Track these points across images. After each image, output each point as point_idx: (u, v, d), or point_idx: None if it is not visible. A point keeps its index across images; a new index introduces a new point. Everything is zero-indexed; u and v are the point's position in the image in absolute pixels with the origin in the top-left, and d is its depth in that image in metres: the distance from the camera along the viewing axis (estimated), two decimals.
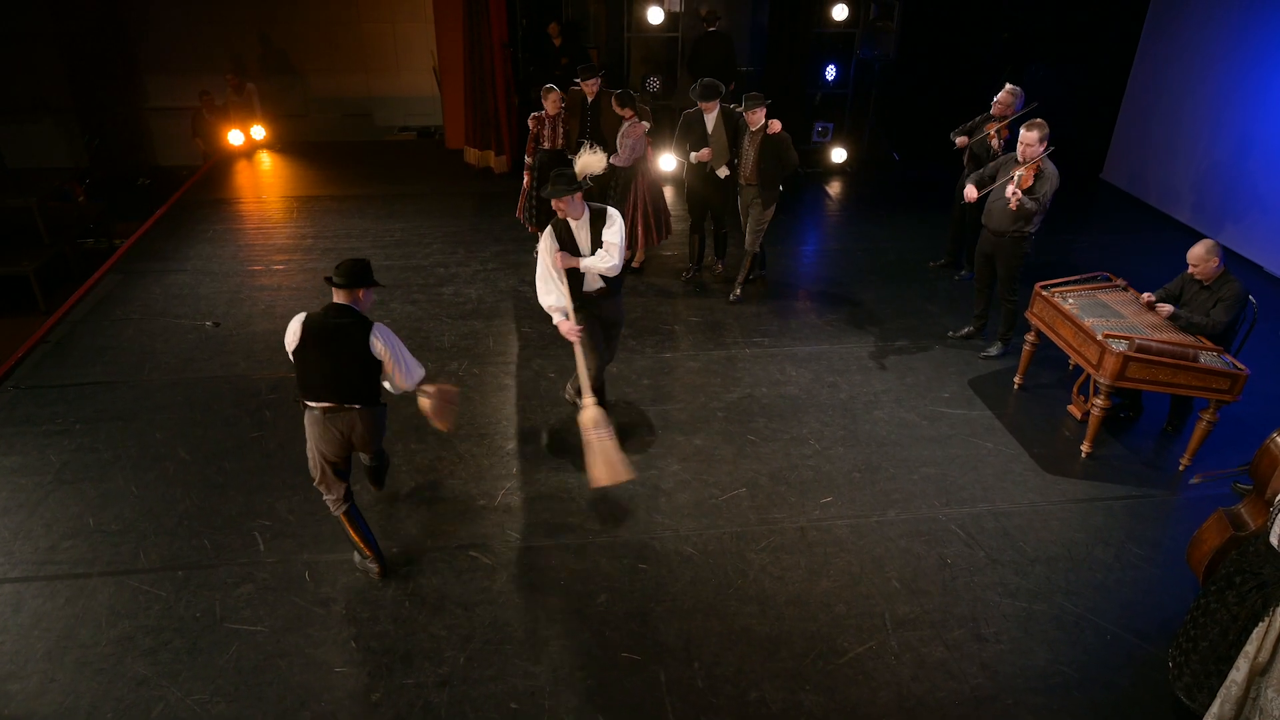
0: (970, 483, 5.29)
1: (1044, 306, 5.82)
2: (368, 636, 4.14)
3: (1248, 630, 3.37)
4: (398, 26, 13.49)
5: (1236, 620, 3.41)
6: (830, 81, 10.55)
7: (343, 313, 4.13)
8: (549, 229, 5.01)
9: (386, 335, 4.19)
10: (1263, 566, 3.38)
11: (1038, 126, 5.90)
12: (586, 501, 5.05)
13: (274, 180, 10.43)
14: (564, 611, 4.30)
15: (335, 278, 4.14)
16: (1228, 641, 3.45)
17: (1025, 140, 5.93)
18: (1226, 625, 3.45)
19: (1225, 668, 3.45)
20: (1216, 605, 3.53)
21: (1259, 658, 3.34)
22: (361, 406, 4.23)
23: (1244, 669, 3.37)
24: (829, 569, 4.61)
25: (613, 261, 4.97)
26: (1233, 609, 3.44)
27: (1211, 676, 3.52)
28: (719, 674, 3.99)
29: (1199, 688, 3.58)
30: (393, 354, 4.19)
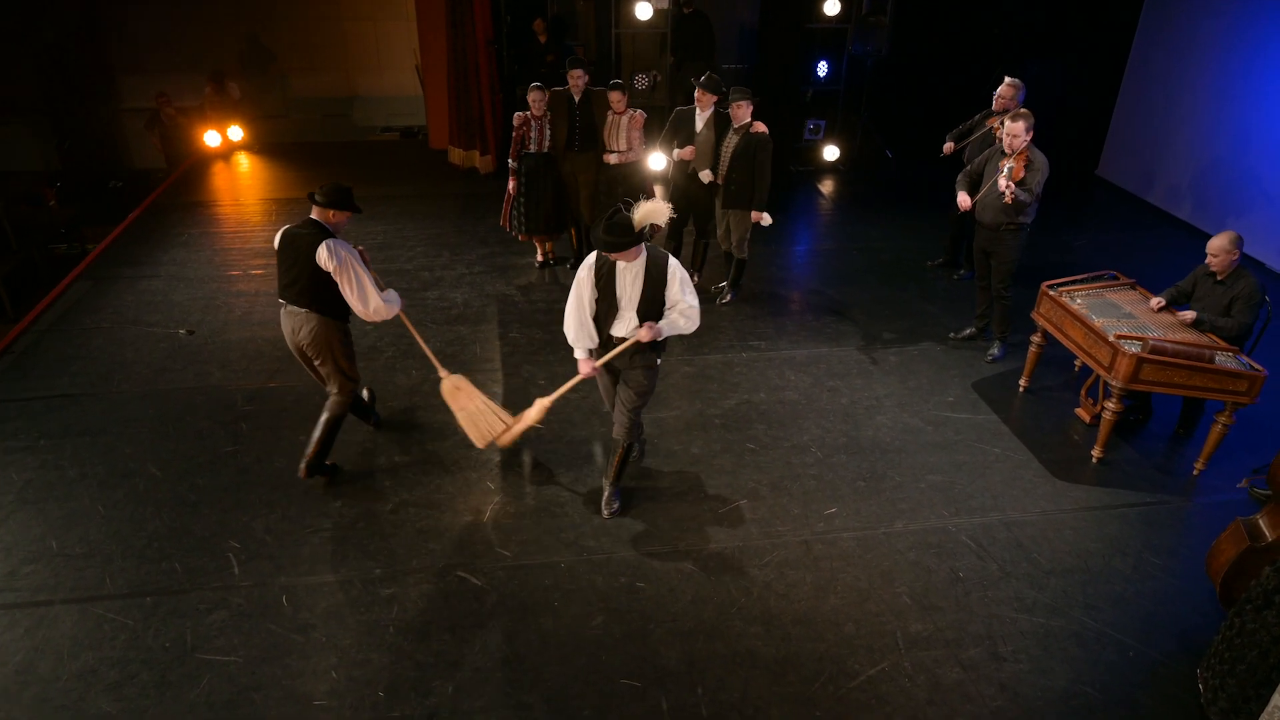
0: (979, 491, 5.09)
1: (1051, 307, 5.63)
2: (349, 665, 3.89)
3: None
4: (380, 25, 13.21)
5: (1278, 641, 3.21)
6: (822, 78, 10.35)
7: (309, 225, 4.62)
8: (592, 260, 4.34)
9: (337, 251, 4.51)
10: None
11: (1023, 117, 5.74)
12: (580, 515, 4.81)
13: (252, 182, 10.14)
14: (558, 635, 4.06)
15: (314, 194, 4.62)
16: (1268, 664, 3.25)
17: (1011, 131, 5.75)
18: (1267, 647, 3.26)
19: (1266, 691, 3.25)
20: (1255, 625, 3.33)
21: None
22: (308, 311, 4.66)
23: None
24: (836, 585, 4.39)
25: (693, 325, 4.46)
26: (1274, 629, 3.24)
27: (1250, 701, 3.31)
28: (724, 700, 3.76)
29: (1236, 712, 3.37)
30: (341, 270, 4.52)
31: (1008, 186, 5.70)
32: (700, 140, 6.80)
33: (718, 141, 6.72)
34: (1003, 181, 5.73)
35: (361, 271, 4.59)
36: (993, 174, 5.98)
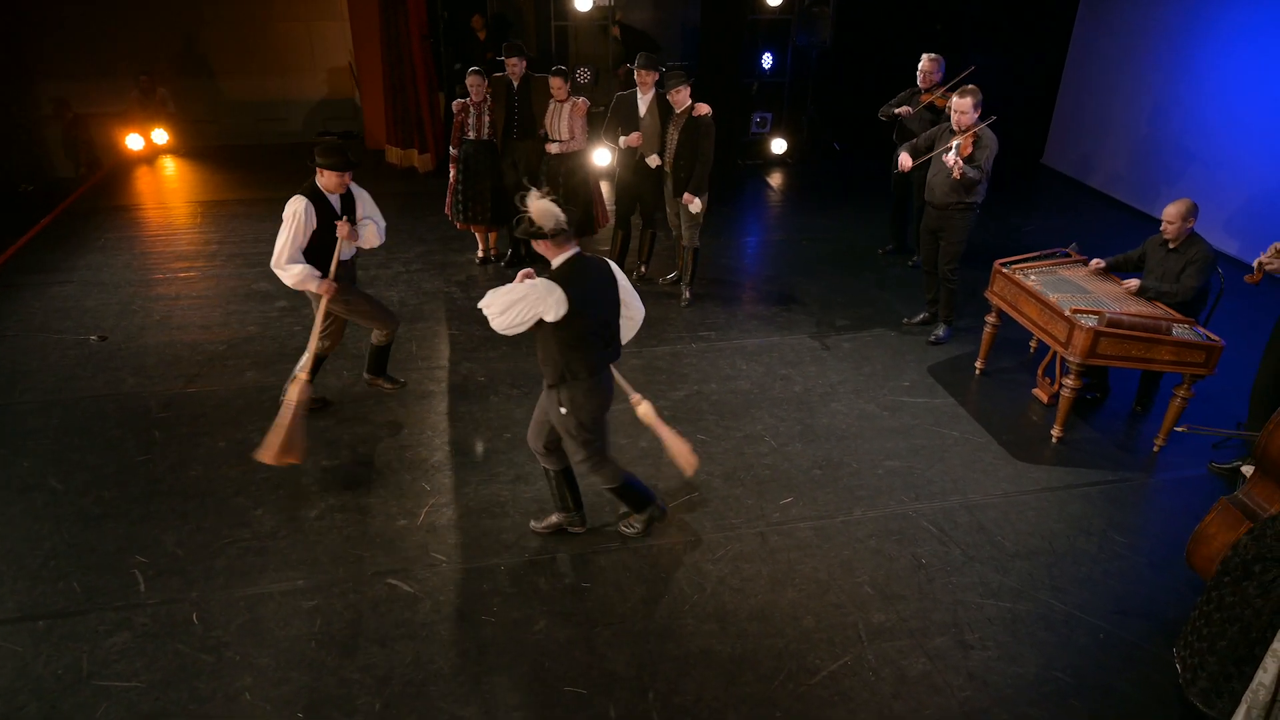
0: (939, 475, 4.89)
1: (1005, 284, 5.49)
2: (265, 686, 3.53)
3: (1274, 625, 2.99)
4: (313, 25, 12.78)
5: (1260, 615, 3.02)
6: (767, 70, 10.21)
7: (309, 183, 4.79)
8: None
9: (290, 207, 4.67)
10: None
11: (970, 93, 5.61)
12: (522, 516, 4.50)
13: (179, 185, 9.67)
14: (497, 642, 3.75)
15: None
16: (1249, 639, 3.06)
17: (959, 108, 5.63)
18: (1249, 621, 3.07)
19: (1249, 669, 3.06)
20: (1234, 599, 3.14)
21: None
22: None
23: (1273, 669, 2.96)
24: (794, 577, 4.15)
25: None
26: (1255, 602, 3.05)
27: (1232, 679, 3.12)
28: (677, 704, 3.49)
29: (1218, 692, 3.18)
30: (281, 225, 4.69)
31: (956, 164, 5.55)
32: (645, 125, 6.56)
33: (663, 126, 6.49)
34: (951, 158, 5.59)
35: (287, 234, 4.66)
36: (939, 151, 5.83)
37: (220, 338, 6.20)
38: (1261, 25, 7.68)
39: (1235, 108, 7.96)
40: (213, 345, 6.09)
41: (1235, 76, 7.95)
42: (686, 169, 6.37)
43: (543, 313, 3.63)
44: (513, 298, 3.62)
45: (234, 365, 5.86)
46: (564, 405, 3.88)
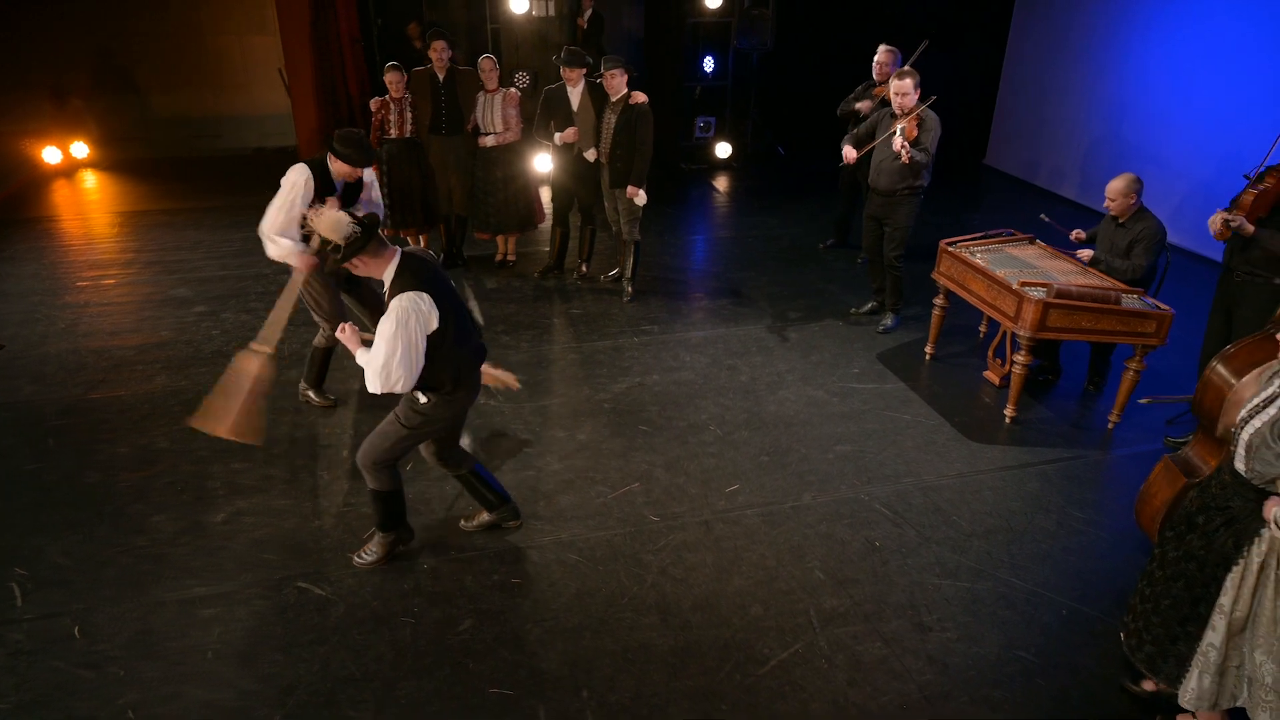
0: (891, 458, 4.68)
1: (951, 263, 5.34)
2: (151, 703, 3.15)
3: (1218, 579, 2.75)
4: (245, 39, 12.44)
5: (1204, 568, 2.79)
6: (709, 74, 10.11)
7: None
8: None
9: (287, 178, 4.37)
10: (1230, 499, 2.75)
11: (909, 74, 5.50)
12: (447, 511, 4.18)
13: (100, 197, 9.20)
14: (416, 645, 3.41)
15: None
16: (1193, 596, 2.83)
17: (899, 90, 5.50)
18: (1192, 576, 2.83)
19: (1194, 629, 2.83)
20: (1177, 554, 2.90)
21: (1236, 612, 2.73)
22: None
23: (1220, 628, 2.76)
24: (740, 565, 3.88)
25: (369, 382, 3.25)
26: (1199, 555, 2.82)
27: (1178, 641, 2.88)
28: (613, 701, 3.18)
29: (1163, 656, 2.93)
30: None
31: (903, 147, 5.42)
32: (580, 119, 6.34)
33: (598, 118, 6.28)
34: (897, 142, 5.45)
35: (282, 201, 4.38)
36: (883, 137, 5.70)
37: (129, 343, 5.79)
38: (1186, 18, 7.76)
39: (1167, 100, 8.01)
40: (120, 351, 5.68)
41: (1167, 69, 8.02)
42: (625, 159, 6.16)
43: (429, 328, 3.22)
44: (389, 344, 3.14)
45: (142, 370, 5.45)
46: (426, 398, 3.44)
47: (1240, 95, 7.31)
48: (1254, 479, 2.64)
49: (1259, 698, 2.74)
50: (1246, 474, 2.67)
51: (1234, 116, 7.37)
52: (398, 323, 3.15)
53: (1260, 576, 2.65)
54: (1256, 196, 4.45)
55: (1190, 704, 2.87)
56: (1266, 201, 4.44)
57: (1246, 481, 2.68)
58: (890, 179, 5.71)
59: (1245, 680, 2.80)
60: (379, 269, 3.26)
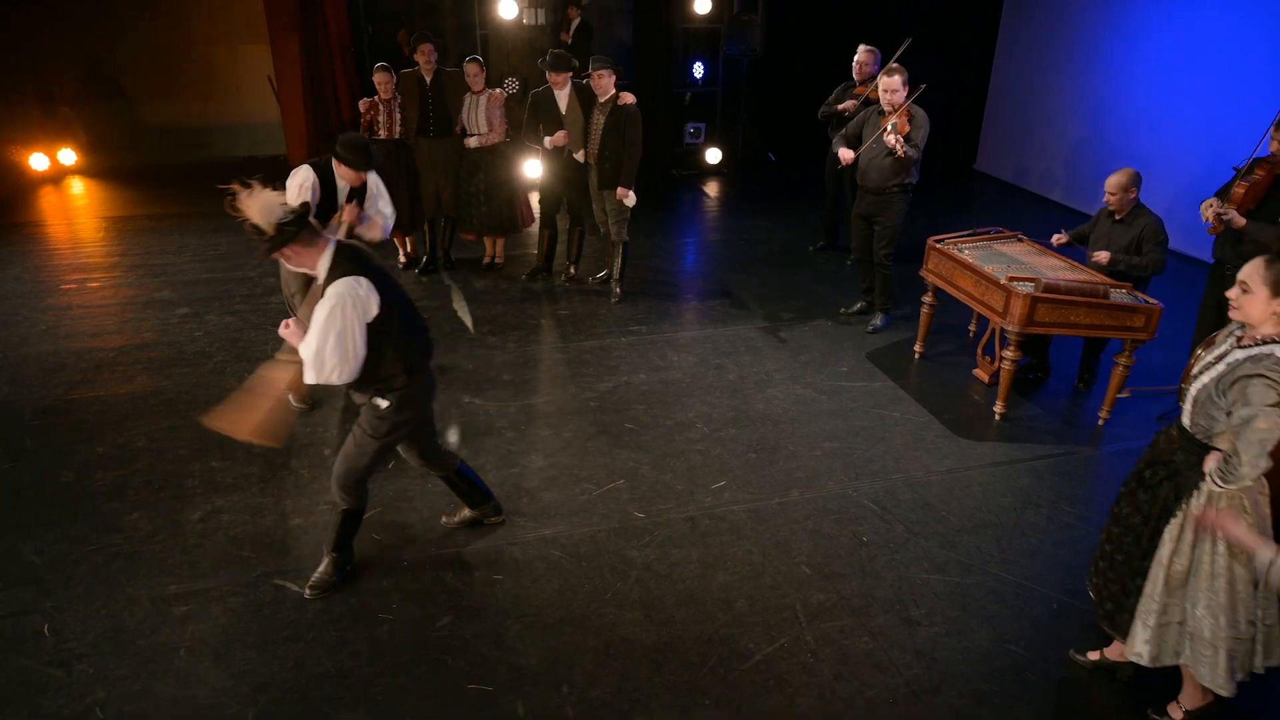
0: (880, 454, 4.63)
1: (940, 260, 5.31)
2: (121, 700, 3.07)
3: (1158, 531, 2.79)
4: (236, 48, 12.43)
5: (1149, 520, 2.83)
6: (699, 80, 10.12)
7: None
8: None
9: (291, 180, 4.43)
10: (1175, 454, 2.78)
11: (898, 71, 5.49)
12: (430, 510, 4.11)
13: (87, 203, 9.15)
14: (394, 642, 3.34)
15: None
16: (1142, 550, 2.87)
17: (888, 87, 5.49)
18: (1139, 531, 2.87)
19: (1142, 581, 2.87)
20: (1128, 509, 2.95)
21: (1175, 564, 2.76)
22: None
23: (1159, 579, 2.79)
24: (726, 560, 3.82)
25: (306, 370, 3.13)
26: (1145, 508, 2.86)
27: (1131, 596, 2.92)
28: (594, 697, 3.11)
29: (1120, 611, 2.97)
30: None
31: (897, 142, 5.39)
32: (569, 121, 6.32)
33: (586, 119, 6.26)
34: (890, 138, 5.43)
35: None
36: (871, 135, 5.69)
37: (111, 345, 5.72)
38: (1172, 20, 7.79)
39: (1155, 102, 8.03)
40: (102, 353, 5.62)
41: (1153, 72, 8.04)
42: (613, 160, 6.13)
43: (368, 314, 3.08)
44: (322, 330, 3.00)
45: (123, 371, 5.39)
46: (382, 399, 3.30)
47: (1226, 96, 7.33)
48: (1197, 433, 2.69)
49: (1199, 653, 2.77)
50: (1191, 428, 2.73)
51: (1221, 117, 7.38)
52: (331, 308, 3.00)
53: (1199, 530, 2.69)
54: (1247, 189, 4.44)
55: (1133, 656, 2.91)
56: (1256, 194, 4.43)
57: (1191, 437, 2.73)
58: (880, 177, 5.69)
59: (1187, 637, 2.82)
60: (312, 259, 3.08)
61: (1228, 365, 2.58)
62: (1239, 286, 2.59)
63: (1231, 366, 2.56)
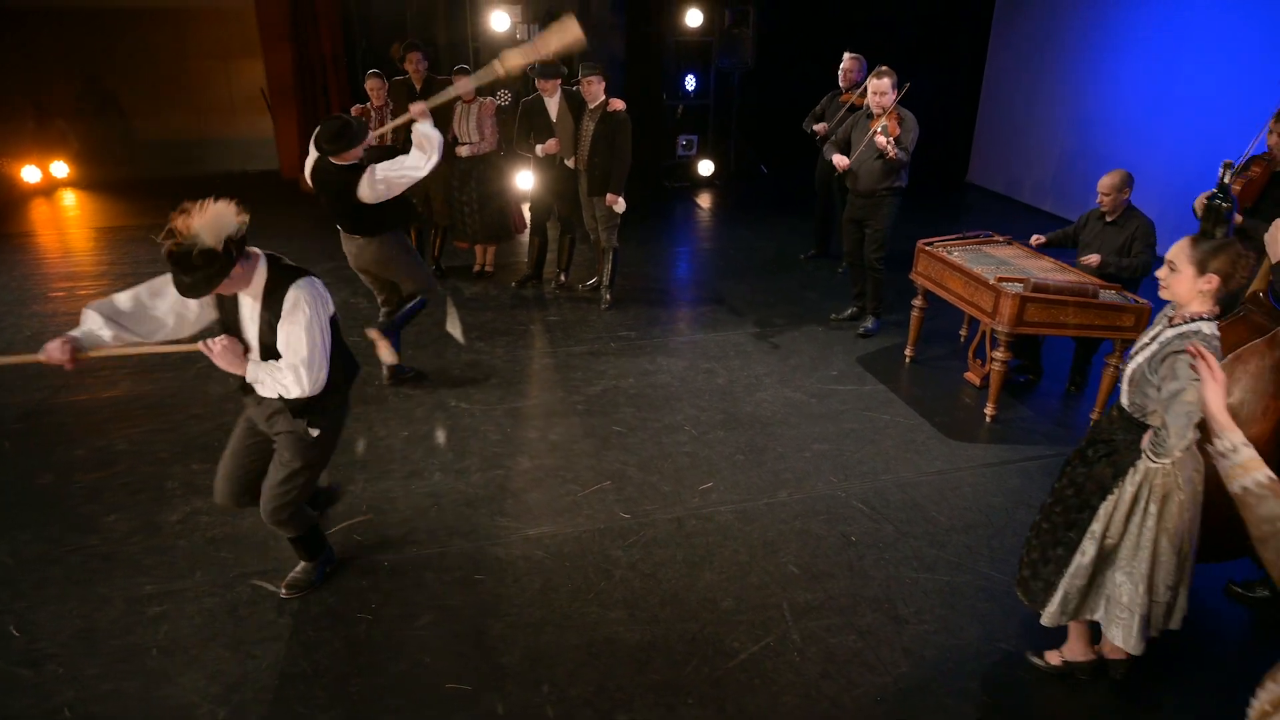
0: (869, 456, 4.58)
1: (929, 262, 5.28)
2: (90, 700, 3.00)
3: (1092, 506, 2.82)
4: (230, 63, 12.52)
5: (1082, 494, 2.87)
6: (690, 92, 10.15)
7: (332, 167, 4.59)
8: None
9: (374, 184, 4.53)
10: (1115, 433, 2.83)
11: (887, 74, 5.50)
12: (412, 511, 4.05)
13: (79, 214, 9.13)
14: (371, 641, 3.28)
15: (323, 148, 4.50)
16: (1068, 521, 2.90)
17: (877, 89, 5.50)
18: (1069, 502, 2.91)
19: (1063, 552, 2.90)
20: (1064, 484, 2.99)
21: (1108, 539, 2.79)
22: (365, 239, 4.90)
23: (1090, 552, 2.82)
24: (712, 560, 3.76)
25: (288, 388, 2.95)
26: (1079, 483, 2.90)
27: (1048, 564, 2.95)
28: (575, 696, 3.04)
29: (1034, 577, 3.03)
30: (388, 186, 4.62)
31: (888, 143, 5.39)
32: (560, 129, 6.32)
33: (576, 125, 6.25)
34: (881, 139, 5.43)
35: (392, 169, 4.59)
36: (861, 139, 5.69)
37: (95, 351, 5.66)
38: (1162, 29, 7.83)
39: (1144, 112, 8.05)
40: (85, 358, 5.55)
41: (1143, 81, 8.07)
42: (603, 166, 6.12)
43: (330, 310, 2.99)
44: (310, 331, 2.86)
45: (107, 376, 5.34)
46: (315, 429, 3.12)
47: (1216, 104, 7.35)
48: (1135, 412, 2.76)
49: (1114, 615, 2.86)
50: (1129, 408, 2.79)
51: (1210, 125, 7.40)
52: (308, 308, 2.84)
53: (1133, 506, 2.73)
54: (1243, 186, 4.40)
55: (1049, 621, 2.95)
56: (1253, 192, 4.39)
57: (1130, 416, 2.78)
58: (870, 180, 5.68)
59: (1104, 598, 2.89)
60: (249, 273, 2.82)
61: (1159, 344, 2.65)
62: (1167, 266, 2.67)
63: (1163, 345, 2.62)
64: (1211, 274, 2.55)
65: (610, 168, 6.07)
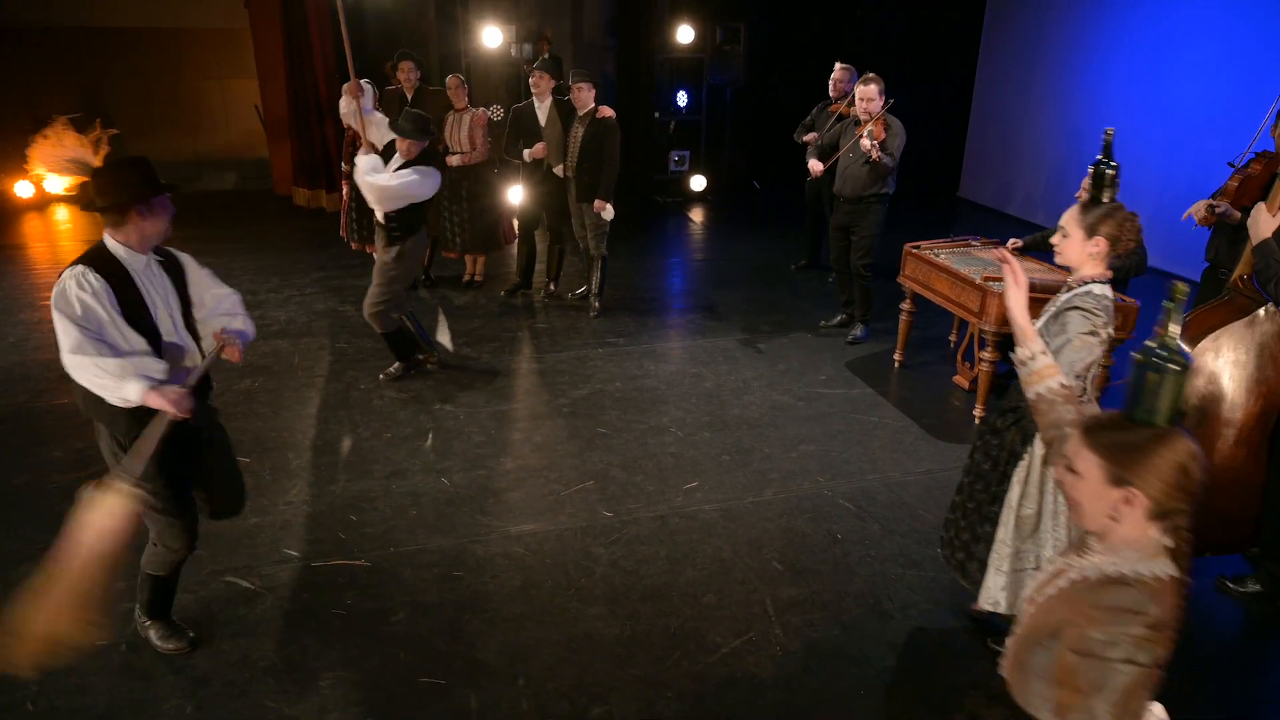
0: (857, 456, 4.54)
1: (916, 265, 5.28)
2: (54, 694, 2.93)
3: (1008, 476, 2.81)
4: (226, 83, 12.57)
5: (997, 466, 2.86)
6: (682, 108, 10.22)
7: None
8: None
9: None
10: (1020, 400, 2.81)
11: (873, 80, 5.51)
12: (392, 510, 4.00)
13: (71, 228, 9.13)
14: (345, 635, 3.21)
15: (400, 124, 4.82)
16: (991, 495, 2.88)
17: (864, 95, 5.52)
18: (988, 476, 2.90)
19: (991, 528, 2.87)
20: (980, 456, 2.97)
21: (1024, 508, 2.77)
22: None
23: (1009, 523, 2.80)
24: (695, 557, 3.70)
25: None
26: (994, 453, 2.89)
27: (980, 542, 2.92)
28: (551, 689, 2.97)
29: (970, 559, 2.98)
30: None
31: (872, 146, 5.40)
32: (548, 134, 6.34)
33: (564, 132, 6.27)
34: (866, 142, 5.44)
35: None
36: (849, 144, 5.70)
37: None
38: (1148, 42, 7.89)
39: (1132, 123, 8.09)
40: None
41: (1131, 93, 8.12)
42: (591, 173, 6.12)
43: None
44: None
45: None
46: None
47: (1202, 114, 7.39)
48: None
49: None
50: None
51: (1197, 136, 7.43)
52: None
53: (1045, 471, 2.72)
54: (1242, 182, 4.30)
55: (988, 604, 2.90)
56: (1253, 188, 4.29)
57: None
58: (856, 186, 5.68)
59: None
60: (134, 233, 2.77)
61: (1057, 307, 2.69)
62: (1059, 232, 2.71)
63: (1059, 306, 2.67)
64: (1099, 237, 2.63)
65: (599, 174, 6.08)
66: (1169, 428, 1.55)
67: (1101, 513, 1.56)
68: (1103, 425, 1.58)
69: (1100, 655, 1.48)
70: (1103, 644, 1.48)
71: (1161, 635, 1.48)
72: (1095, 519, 1.58)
